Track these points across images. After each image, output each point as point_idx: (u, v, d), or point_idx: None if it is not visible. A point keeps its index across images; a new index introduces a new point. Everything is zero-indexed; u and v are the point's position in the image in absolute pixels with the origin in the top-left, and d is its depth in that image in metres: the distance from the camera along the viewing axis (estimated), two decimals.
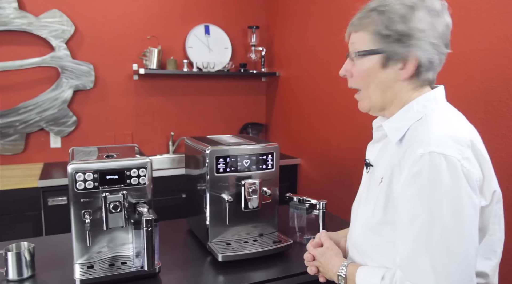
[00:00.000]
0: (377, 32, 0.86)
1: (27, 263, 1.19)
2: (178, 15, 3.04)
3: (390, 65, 0.87)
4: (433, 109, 0.87)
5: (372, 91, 0.91)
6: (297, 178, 3.00)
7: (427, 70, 0.87)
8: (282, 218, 1.54)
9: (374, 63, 0.88)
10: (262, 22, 3.28)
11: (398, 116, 0.89)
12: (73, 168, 1.16)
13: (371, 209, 0.90)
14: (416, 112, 0.87)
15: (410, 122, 0.87)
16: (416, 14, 0.83)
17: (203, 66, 3.01)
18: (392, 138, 0.88)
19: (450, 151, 0.76)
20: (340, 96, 2.48)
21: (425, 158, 0.76)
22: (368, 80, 0.91)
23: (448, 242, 0.74)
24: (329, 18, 2.55)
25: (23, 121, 2.67)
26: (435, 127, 0.82)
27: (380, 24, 0.85)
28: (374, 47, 0.87)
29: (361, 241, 0.94)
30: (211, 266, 1.30)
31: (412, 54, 0.84)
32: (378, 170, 0.94)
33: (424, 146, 0.78)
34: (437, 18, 0.85)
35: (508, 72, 1.45)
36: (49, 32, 2.66)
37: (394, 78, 0.88)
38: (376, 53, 0.87)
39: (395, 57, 0.86)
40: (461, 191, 0.75)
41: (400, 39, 0.84)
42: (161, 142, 3.11)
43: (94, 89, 2.86)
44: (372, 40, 0.87)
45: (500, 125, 1.47)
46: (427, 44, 0.84)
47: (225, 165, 1.35)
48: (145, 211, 1.17)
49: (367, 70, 0.89)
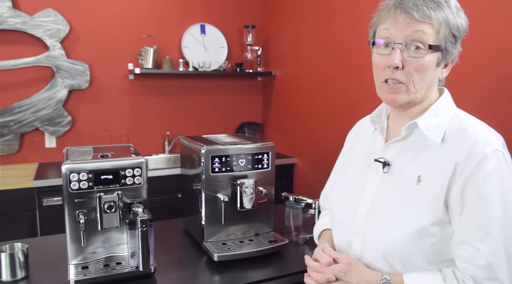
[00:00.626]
0: (448, 31, 0.85)
1: (20, 264, 1.18)
2: (173, 14, 3.03)
3: (440, 63, 0.88)
4: (454, 109, 0.91)
5: (420, 87, 0.87)
6: (293, 178, 3.00)
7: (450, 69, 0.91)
8: (278, 218, 1.53)
9: (434, 59, 0.86)
10: (258, 22, 3.27)
11: (430, 114, 0.89)
12: (67, 168, 1.15)
13: (415, 210, 0.84)
14: (447, 111, 0.90)
15: (445, 120, 0.88)
16: (462, 16, 0.87)
17: (199, 66, 3.00)
18: (434, 138, 0.86)
19: (504, 149, 0.82)
20: (336, 96, 2.48)
21: (495, 156, 0.80)
22: (423, 75, 0.86)
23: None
24: (325, 18, 2.55)
25: (17, 121, 2.65)
26: (484, 128, 0.86)
27: (454, 25, 0.85)
28: (439, 43, 0.85)
29: (407, 246, 0.84)
30: (206, 266, 1.30)
31: (454, 56, 0.89)
32: (408, 170, 0.89)
33: (489, 144, 0.81)
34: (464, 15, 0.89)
35: (503, 72, 1.45)
36: (43, 32, 2.64)
37: (437, 76, 0.90)
38: (439, 50, 0.86)
39: (449, 57, 0.88)
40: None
41: (456, 40, 0.87)
42: (157, 141, 3.10)
43: (89, 89, 2.84)
44: (442, 37, 0.85)
45: (495, 124, 1.48)
46: (459, 46, 0.89)
47: (221, 164, 1.35)
48: (140, 211, 1.17)
49: (428, 65, 0.85)
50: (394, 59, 0.84)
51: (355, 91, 2.30)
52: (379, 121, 1.01)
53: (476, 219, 0.80)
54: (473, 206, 0.80)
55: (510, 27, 1.43)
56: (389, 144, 0.95)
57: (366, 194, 0.94)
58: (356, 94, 2.29)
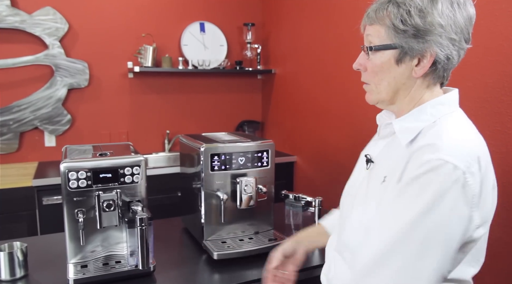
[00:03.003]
0: (393, 26, 0.81)
1: (19, 263, 1.18)
2: (173, 12, 3.03)
3: (405, 61, 0.83)
4: (446, 114, 0.83)
5: (383, 87, 0.87)
6: (293, 176, 3.00)
7: (444, 68, 0.83)
8: (277, 216, 1.53)
9: (389, 58, 0.84)
10: (257, 20, 3.27)
11: (411, 117, 0.84)
12: (65, 166, 1.15)
13: (371, 207, 0.86)
14: (430, 115, 0.83)
15: (422, 124, 0.83)
16: (437, 7, 0.78)
17: (198, 64, 2.99)
18: (403, 139, 0.84)
19: (458, 161, 0.73)
20: (336, 94, 2.48)
21: (432, 163, 0.73)
22: (381, 76, 0.86)
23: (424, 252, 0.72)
24: (324, 15, 2.54)
25: (17, 120, 2.64)
26: (448, 135, 0.78)
27: (397, 18, 0.80)
28: (389, 41, 0.82)
29: (358, 240, 0.89)
30: (206, 264, 1.29)
31: (429, 51, 0.80)
32: (381, 168, 0.89)
33: (434, 151, 0.74)
34: (459, 10, 0.79)
35: (503, 69, 1.44)
36: (42, 30, 2.64)
37: (408, 75, 0.83)
38: (391, 49, 0.83)
39: (411, 53, 0.81)
40: (459, 204, 0.72)
41: (417, 35, 0.79)
42: (157, 140, 3.10)
43: (89, 88, 2.84)
44: (387, 34, 0.82)
45: (495, 121, 1.47)
46: (446, 40, 0.79)
47: (220, 162, 1.34)
48: (139, 209, 1.16)
49: (381, 66, 0.85)
50: (355, 62, 0.91)
51: (355, 89, 2.29)
52: (381, 118, 1.01)
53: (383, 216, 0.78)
54: (390, 203, 0.78)
55: (510, 24, 1.42)
56: (376, 140, 0.97)
57: (354, 186, 0.99)
58: (356, 92, 2.28)
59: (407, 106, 0.87)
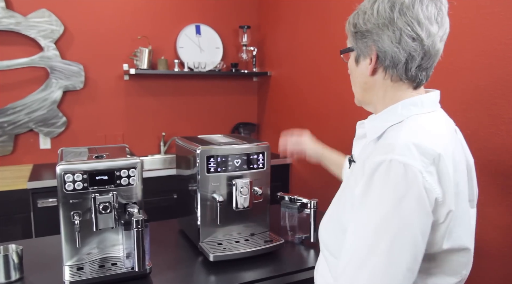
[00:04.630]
0: (350, 31, 0.90)
1: (15, 266, 1.17)
2: (168, 15, 3.03)
3: (360, 61, 0.89)
4: (416, 114, 0.83)
5: (355, 88, 0.96)
6: (289, 178, 3.00)
7: (393, 65, 0.83)
8: (273, 217, 1.54)
9: (351, 60, 0.92)
10: (253, 22, 3.28)
11: (381, 117, 0.87)
12: (61, 168, 1.15)
13: (342, 205, 0.88)
14: (399, 115, 0.83)
15: (389, 124, 0.84)
16: (374, 9, 0.83)
17: (194, 66, 3.00)
18: (369, 137, 0.88)
19: (412, 161, 0.72)
20: (331, 96, 2.49)
21: (385, 165, 0.73)
22: (352, 78, 0.95)
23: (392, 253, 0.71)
24: (320, 18, 2.55)
25: (11, 122, 2.63)
26: (406, 134, 0.77)
27: (352, 23, 0.89)
28: (349, 45, 0.91)
29: (324, 233, 0.94)
30: (202, 266, 1.29)
31: (372, 49, 0.85)
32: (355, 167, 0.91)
33: (387, 152, 0.74)
34: (402, 11, 0.80)
35: (495, 71, 1.46)
36: (37, 32, 2.63)
37: (366, 74, 0.89)
38: (349, 51, 0.91)
39: (362, 53, 0.88)
40: (418, 205, 0.71)
41: (361, 35, 0.86)
42: (153, 142, 3.09)
43: (84, 90, 2.83)
44: (349, 39, 0.91)
45: (489, 124, 1.49)
46: (385, 38, 0.82)
47: (216, 164, 1.35)
48: (136, 211, 1.16)
49: (350, 68, 0.94)
50: None
51: (350, 91, 2.30)
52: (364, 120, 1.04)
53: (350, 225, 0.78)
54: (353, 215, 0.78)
55: (503, 27, 1.44)
56: (356, 141, 1.01)
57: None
58: (351, 94, 2.29)
59: (380, 106, 0.90)
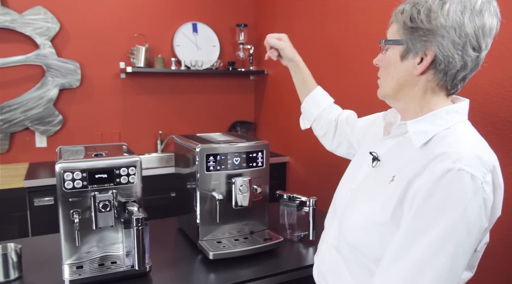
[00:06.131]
0: (403, 23, 0.86)
1: (14, 265, 1.17)
2: (165, 13, 3.02)
3: (408, 58, 0.86)
4: (459, 122, 0.85)
5: (388, 81, 0.91)
6: (286, 176, 3.01)
7: (444, 71, 0.84)
8: (272, 216, 1.54)
9: (395, 54, 0.89)
10: (250, 20, 3.28)
11: (425, 120, 0.86)
12: (61, 167, 1.14)
13: (379, 205, 0.86)
14: (445, 121, 0.85)
15: (437, 129, 0.84)
16: (443, 9, 0.81)
17: (191, 65, 2.99)
18: (417, 142, 0.85)
19: (477, 171, 0.75)
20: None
21: (453, 174, 0.74)
22: (388, 70, 0.91)
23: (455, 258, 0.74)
24: (316, 17, 2.56)
25: (7, 120, 2.61)
26: (467, 144, 0.80)
27: (408, 16, 0.85)
28: (398, 37, 0.88)
29: (361, 235, 0.89)
30: (202, 265, 1.30)
31: (430, 50, 0.83)
32: (389, 167, 0.90)
33: (455, 160, 0.76)
34: (471, 17, 0.81)
35: (493, 70, 1.47)
36: (33, 30, 2.61)
37: (410, 72, 0.87)
38: (397, 44, 0.88)
39: (414, 50, 0.85)
40: (478, 214, 0.74)
41: (421, 33, 0.83)
42: (149, 140, 3.09)
43: (81, 88, 2.82)
44: (398, 31, 0.88)
45: (485, 123, 1.50)
46: (448, 42, 0.81)
47: (215, 162, 1.35)
48: (135, 209, 1.16)
49: (389, 60, 0.90)
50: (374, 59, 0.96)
51: (347, 90, 2.31)
52: (387, 117, 1.02)
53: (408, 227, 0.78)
54: (414, 216, 0.77)
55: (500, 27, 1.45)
56: (384, 139, 0.97)
57: (355, 182, 1.00)
58: (348, 93, 2.30)
59: (412, 105, 0.89)
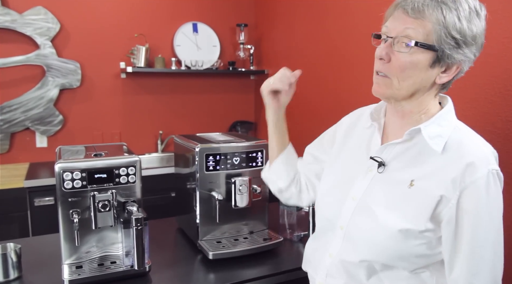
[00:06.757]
0: (442, 29, 0.78)
1: (13, 264, 1.17)
2: (165, 13, 3.02)
3: (436, 66, 0.82)
4: (456, 120, 0.90)
5: (406, 85, 0.84)
6: None
7: (455, 77, 0.87)
8: (272, 215, 1.54)
9: (425, 59, 0.81)
10: (250, 20, 3.27)
11: (434, 123, 0.87)
12: (60, 167, 1.14)
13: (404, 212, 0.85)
14: (448, 121, 0.88)
15: (446, 130, 0.87)
16: (478, 22, 0.82)
17: (191, 65, 2.99)
18: (435, 146, 0.85)
19: (496, 165, 0.83)
20: (328, 94, 2.50)
21: (491, 176, 0.80)
22: (409, 73, 0.82)
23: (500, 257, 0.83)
24: (317, 16, 2.56)
25: (7, 120, 2.62)
26: (483, 144, 0.86)
27: (449, 22, 0.78)
28: (432, 43, 0.80)
29: (390, 246, 0.85)
30: (201, 264, 1.30)
31: (458, 61, 0.82)
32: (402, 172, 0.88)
33: (488, 164, 0.81)
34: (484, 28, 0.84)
35: (493, 70, 1.47)
36: (33, 30, 2.61)
37: (433, 80, 0.85)
38: (432, 50, 0.80)
39: (445, 60, 0.81)
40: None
41: (458, 44, 0.80)
42: (150, 140, 3.09)
43: (81, 88, 2.82)
44: (432, 35, 0.79)
45: (485, 122, 1.50)
46: (471, 54, 0.83)
47: (215, 162, 1.35)
48: (135, 209, 1.16)
49: (414, 64, 0.81)
50: (381, 51, 0.85)
51: (347, 90, 2.31)
52: (377, 118, 0.99)
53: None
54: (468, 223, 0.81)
55: (500, 26, 1.45)
56: (388, 145, 0.93)
57: (356, 189, 0.94)
58: (348, 93, 2.30)
59: (416, 108, 0.89)
